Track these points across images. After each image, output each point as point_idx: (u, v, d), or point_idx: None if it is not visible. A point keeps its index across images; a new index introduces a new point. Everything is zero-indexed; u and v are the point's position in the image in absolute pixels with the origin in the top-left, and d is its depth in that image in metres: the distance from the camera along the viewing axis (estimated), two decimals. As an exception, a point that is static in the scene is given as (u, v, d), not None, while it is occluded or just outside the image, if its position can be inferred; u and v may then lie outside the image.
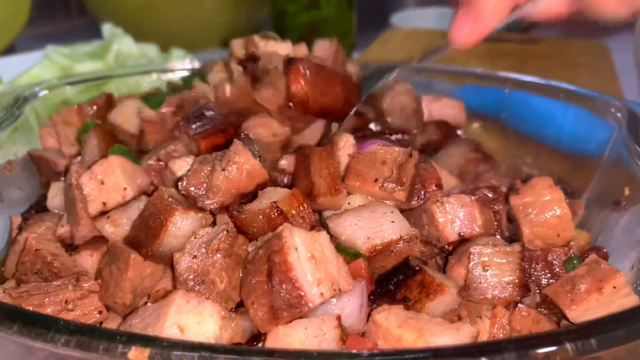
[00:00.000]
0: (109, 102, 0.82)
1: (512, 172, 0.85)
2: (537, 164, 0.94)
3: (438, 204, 0.65)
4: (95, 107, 0.80)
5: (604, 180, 0.81)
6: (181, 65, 1.03)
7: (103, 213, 0.60)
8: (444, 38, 0.75)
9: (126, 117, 0.76)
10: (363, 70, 0.96)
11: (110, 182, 0.60)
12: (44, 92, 0.93)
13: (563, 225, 0.67)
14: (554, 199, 0.67)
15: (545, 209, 0.67)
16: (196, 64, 1.03)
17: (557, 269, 0.66)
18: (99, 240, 0.62)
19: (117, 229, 0.59)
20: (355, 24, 1.71)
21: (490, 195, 0.70)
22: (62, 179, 0.73)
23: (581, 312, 0.59)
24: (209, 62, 0.91)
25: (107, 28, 1.41)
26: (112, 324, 0.56)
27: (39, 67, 1.25)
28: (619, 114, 0.82)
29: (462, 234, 0.64)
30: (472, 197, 0.66)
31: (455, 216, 0.64)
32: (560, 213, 0.66)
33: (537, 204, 0.67)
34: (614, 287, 0.59)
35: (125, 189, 0.60)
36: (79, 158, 0.77)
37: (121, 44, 1.32)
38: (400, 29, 1.87)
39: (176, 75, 1.01)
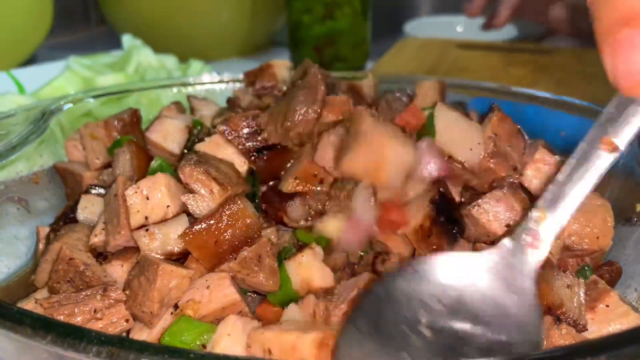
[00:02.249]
0: (135, 118, 0.85)
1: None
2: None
3: (476, 207, 0.69)
4: (121, 123, 0.82)
5: (616, 194, 0.82)
6: (201, 80, 1.06)
7: (142, 226, 0.63)
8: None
9: (166, 135, 0.78)
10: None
11: (155, 198, 0.63)
12: (68, 106, 0.96)
13: (605, 230, 0.70)
14: (603, 204, 0.72)
15: (594, 212, 0.70)
16: (215, 78, 1.05)
17: None
18: (129, 251, 0.65)
19: (152, 242, 0.61)
20: (370, 34, 1.73)
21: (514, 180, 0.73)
22: (93, 191, 0.76)
23: None
24: (239, 92, 0.95)
25: (126, 39, 1.45)
26: (139, 333, 0.58)
27: (61, 79, 1.29)
28: (631, 130, 0.83)
29: (508, 224, 0.68)
30: (503, 191, 0.69)
31: (496, 212, 0.68)
32: (609, 220, 0.70)
33: (587, 206, 0.71)
34: (607, 306, 0.61)
35: (168, 206, 0.63)
36: (109, 170, 0.80)
37: (141, 56, 1.35)
38: (414, 39, 1.89)
39: (196, 89, 1.04)
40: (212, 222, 0.61)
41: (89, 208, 0.73)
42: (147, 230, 0.62)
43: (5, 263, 0.79)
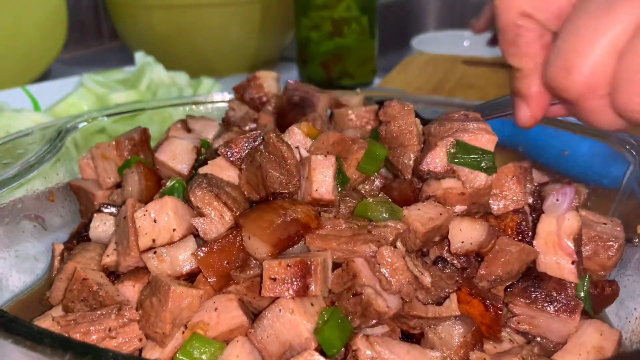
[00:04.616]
0: (144, 137, 0.87)
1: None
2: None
3: None
4: (131, 142, 0.85)
5: (619, 214, 0.83)
6: (212, 98, 1.08)
7: (150, 248, 0.64)
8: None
9: (174, 156, 0.80)
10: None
11: (162, 221, 0.64)
12: (83, 124, 0.99)
13: (617, 254, 0.73)
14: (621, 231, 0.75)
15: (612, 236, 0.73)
16: (227, 97, 1.08)
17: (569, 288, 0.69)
18: (140, 271, 0.66)
19: (161, 263, 0.63)
20: (377, 50, 1.75)
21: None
22: (105, 210, 0.77)
23: None
24: (234, 104, 0.96)
25: (139, 56, 1.48)
26: (151, 351, 0.60)
27: (75, 95, 1.32)
28: (633, 151, 0.85)
29: None
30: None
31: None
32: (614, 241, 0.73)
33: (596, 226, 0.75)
34: None
35: (174, 230, 0.64)
36: (118, 190, 0.82)
37: (153, 73, 1.38)
38: (421, 55, 1.91)
39: (207, 107, 1.07)
40: (225, 242, 0.63)
41: (101, 227, 0.75)
42: (155, 252, 0.63)
43: (23, 279, 0.81)
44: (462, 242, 0.68)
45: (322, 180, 0.66)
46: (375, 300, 0.58)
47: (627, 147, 0.86)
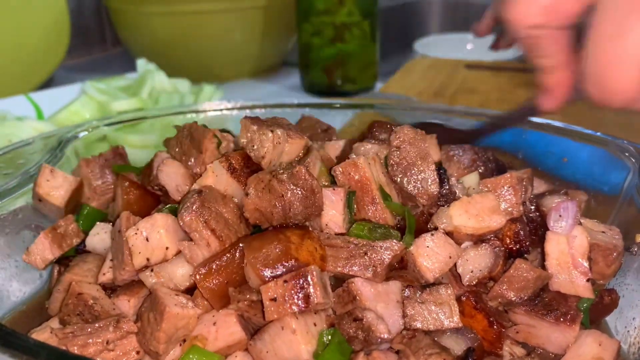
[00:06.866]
0: (120, 157, 0.88)
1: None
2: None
3: None
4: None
5: (619, 222, 0.83)
6: (211, 106, 1.08)
7: (146, 266, 0.64)
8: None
9: (171, 180, 0.75)
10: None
11: (154, 240, 0.63)
12: (84, 134, 1.00)
13: (616, 263, 0.73)
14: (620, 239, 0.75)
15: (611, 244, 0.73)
16: (225, 105, 1.08)
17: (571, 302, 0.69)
18: (136, 285, 0.66)
19: (158, 279, 0.63)
20: (379, 55, 1.75)
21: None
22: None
23: None
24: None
25: (141, 64, 1.48)
26: (150, 365, 0.61)
27: (77, 103, 1.32)
28: (633, 158, 0.84)
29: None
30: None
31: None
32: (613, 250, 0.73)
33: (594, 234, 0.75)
34: None
35: (167, 248, 0.63)
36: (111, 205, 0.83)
37: (155, 80, 1.38)
38: (423, 59, 1.91)
39: (207, 115, 1.07)
40: (225, 261, 0.62)
41: (99, 235, 0.75)
42: (152, 270, 0.63)
43: (23, 289, 0.82)
44: (472, 271, 0.68)
45: (332, 215, 0.66)
46: (377, 327, 0.58)
47: (627, 154, 0.86)
